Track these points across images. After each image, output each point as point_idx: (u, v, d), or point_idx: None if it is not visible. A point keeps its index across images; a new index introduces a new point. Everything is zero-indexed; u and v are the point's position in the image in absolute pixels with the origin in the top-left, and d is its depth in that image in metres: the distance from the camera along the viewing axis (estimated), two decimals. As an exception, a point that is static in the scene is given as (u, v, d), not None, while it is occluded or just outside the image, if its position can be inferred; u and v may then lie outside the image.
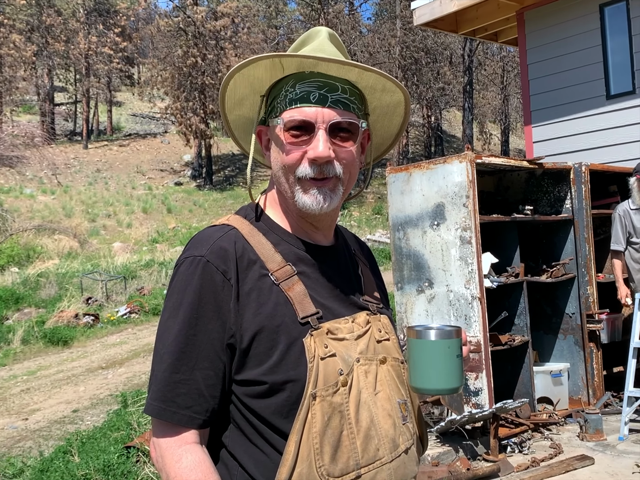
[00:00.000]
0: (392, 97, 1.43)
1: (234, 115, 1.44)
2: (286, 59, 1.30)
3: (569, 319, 5.99)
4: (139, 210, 29.97)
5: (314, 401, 1.22)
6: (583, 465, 4.60)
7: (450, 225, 5.18)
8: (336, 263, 1.42)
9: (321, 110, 1.28)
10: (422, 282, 5.40)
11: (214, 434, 1.29)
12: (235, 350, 1.25)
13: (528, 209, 5.81)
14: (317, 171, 1.29)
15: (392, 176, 5.61)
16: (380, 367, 1.35)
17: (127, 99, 52.63)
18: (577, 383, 5.94)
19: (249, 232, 1.34)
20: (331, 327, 1.30)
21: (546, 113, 8.37)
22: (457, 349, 1.26)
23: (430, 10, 8.83)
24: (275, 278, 1.29)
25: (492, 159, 5.46)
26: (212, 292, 1.25)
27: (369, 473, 1.26)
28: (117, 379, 8.69)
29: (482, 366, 5.04)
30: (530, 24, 8.50)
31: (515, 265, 5.62)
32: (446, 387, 1.26)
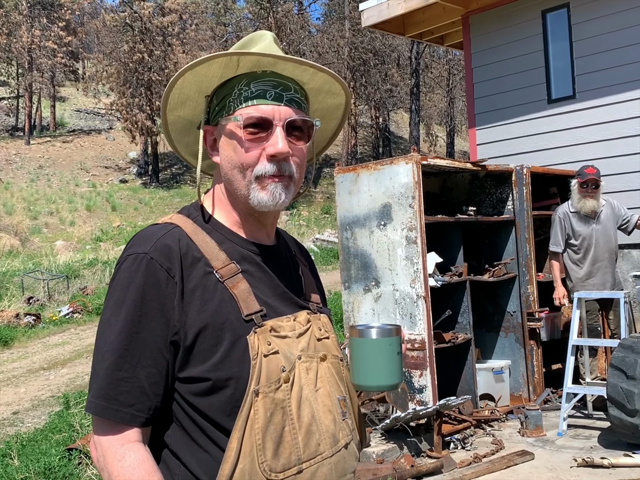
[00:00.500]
0: (334, 100, 1.46)
1: (173, 115, 1.43)
2: (243, 57, 1.30)
3: (510, 317, 6.14)
4: (82, 208, 29.35)
5: (256, 398, 1.24)
6: (523, 461, 4.73)
7: (396, 225, 5.25)
8: (278, 262, 1.44)
9: (277, 108, 1.30)
10: (369, 281, 5.46)
11: (155, 433, 1.29)
12: (179, 348, 1.25)
13: (471, 209, 5.93)
14: (275, 168, 1.30)
15: (340, 176, 5.65)
16: (320, 364, 1.37)
17: (72, 94, 51.44)
18: (518, 380, 6.10)
19: (192, 230, 1.34)
20: (274, 325, 1.32)
21: (490, 116, 8.55)
22: (397, 346, 1.31)
23: (378, 12, 8.92)
24: (220, 276, 1.30)
25: (437, 160, 5.55)
26: (156, 290, 1.24)
27: (310, 468, 1.28)
28: (59, 380, 8.51)
29: (426, 364, 5.12)
30: (475, 28, 8.67)
31: (459, 265, 5.73)
32: (387, 384, 1.31)
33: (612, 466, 4.42)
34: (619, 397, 4.63)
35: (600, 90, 7.50)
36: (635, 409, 4.54)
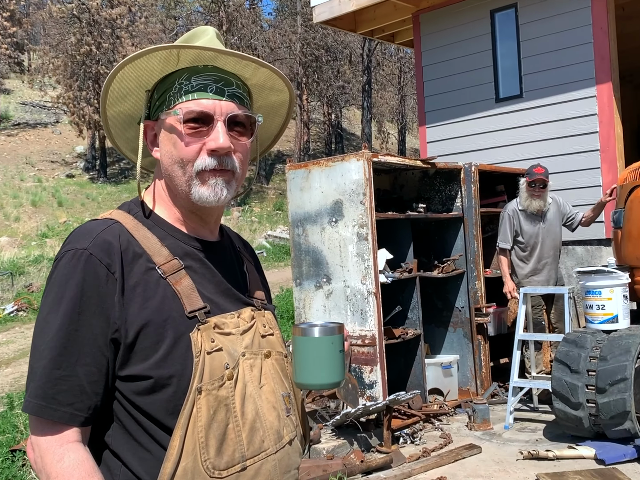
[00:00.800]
0: (278, 97, 1.46)
1: (113, 110, 1.40)
2: (184, 51, 1.29)
3: (459, 312, 6.23)
4: (27, 203, 28.60)
5: (199, 395, 1.23)
6: (471, 454, 4.81)
7: (347, 222, 5.26)
8: (222, 259, 1.42)
9: (219, 103, 1.29)
10: (320, 278, 5.47)
11: (95, 433, 1.26)
12: (119, 346, 1.23)
13: (421, 207, 6.00)
14: (216, 162, 1.29)
15: (291, 173, 5.64)
16: (265, 361, 1.38)
17: (16, 86, 50.06)
18: (466, 374, 6.19)
19: (133, 226, 1.31)
20: (218, 321, 1.31)
21: (439, 114, 8.65)
22: (340, 344, 1.32)
23: (329, 8, 8.93)
24: (162, 272, 1.28)
25: (388, 157, 5.59)
26: (96, 286, 1.22)
27: (254, 464, 1.28)
28: (3, 380, 8.29)
29: (376, 359, 5.16)
30: (426, 26, 8.75)
31: (409, 261, 5.78)
32: (329, 382, 1.31)
33: (557, 458, 4.53)
34: (564, 390, 4.75)
35: (546, 89, 7.67)
36: (579, 402, 4.65)
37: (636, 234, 5.15)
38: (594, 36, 7.29)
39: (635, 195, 5.13)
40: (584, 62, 7.37)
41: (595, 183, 7.24)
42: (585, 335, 4.92)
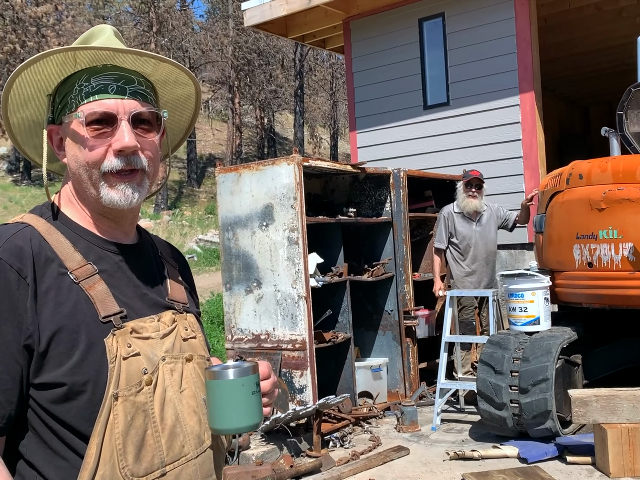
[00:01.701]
0: (183, 90, 1.45)
1: (17, 117, 1.36)
2: (80, 52, 1.26)
3: (388, 315, 6.31)
4: (-55, 206, 27.42)
5: (115, 402, 1.20)
6: (399, 456, 4.87)
7: (278, 226, 5.26)
8: (140, 262, 1.40)
9: (121, 102, 1.27)
10: (250, 282, 5.44)
11: (9, 443, 1.22)
12: (32, 352, 1.19)
13: (352, 211, 6.05)
14: (124, 162, 1.26)
15: (221, 176, 5.60)
16: (186, 365, 1.36)
17: None
18: (395, 377, 6.28)
19: (45, 230, 1.28)
20: (136, 326, 1.28)
21: (370, 120, 8.75)
22: (253, 385, 1.28)
23: (260, 12, 8.91)
24: (75, 277, 1.25)
25: (318, 162, 5.62)
26: (7, 291, 1.18)
27: (174, 470, 1.27)
28: None
29: (306, 364, 5.17)
30: (356, 33, 8.85)
31: (339, 265, 5.82)
32: (244, 425, 1.27)
33: (482, 458, 4.64)
34: (488, 391, 4.87)
35: (472, 97, 7.87)
36: (502, 402, 4.78)
37: (556, 239, 5.33)
38: (517, 46, 7.53)
39: (555, 200, 5.31)
40: (508, 72, 7.60)
41: (519, 189, 7.48)
42: (508, 337, 5.06)
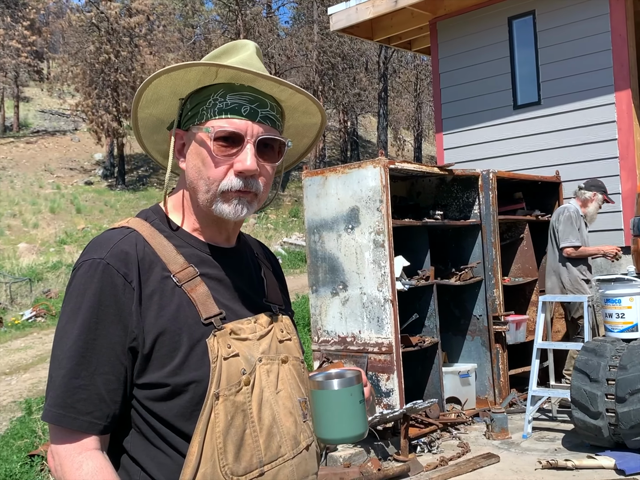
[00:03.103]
0: (309, 119, 1.46)
1: (145, 112, 1.40)
2: (222, 70, 1.28)
3: (477, 320, 6.19)
4: (46, 210, 28.86)
5: (217, 401, 1.23)
6: (489, 463, 4.76)
7: (364, 228, 5.25)
8: (239, 265, 1.42)
9: (251, 124, 1.29)
10: (336, 284, 5.45)
11: (114, 439, 1.27)
12: (137, 354, 1.23)
13: (438, 214, 5.97)
14: (242, 184, 1.29)
15: (308, 180, 5.64)
16: (282, 366, 1.37)
17: (36, 94, 50.62)
18: (484, 383, 6.15)
19: (149, 234, 1.32)
20: (234, 327, 1.31)
21: (456, 121, 8.62)
22: (359, 394, 1.28)
23: (346, 16, 8.94)
24: (178, 280, 1.28)
25: (404, 164, 5.58)
26: (113, 295, 1.22)
27: (271, 470, 1.28)
28: (21, 385, 8.35)
29: (393, 367, 5.13)
30: (443, 33, 8.74)
31: (425, 269, 5.76)
32: (352, 435, 1.27)
33: (576, 468, 4.48)
34: (583, 399, 4.69)
35: (565, 96, 7.62)
36: (598, 411, 4.60)
37: (657, 242, 5.09)
38: (612, 43, 7.24)
39: (655, 202, 5.08)
40: (603, 69, 7.32)
41: (615, 190, 7.17)
42: (604, 344, 4.86)
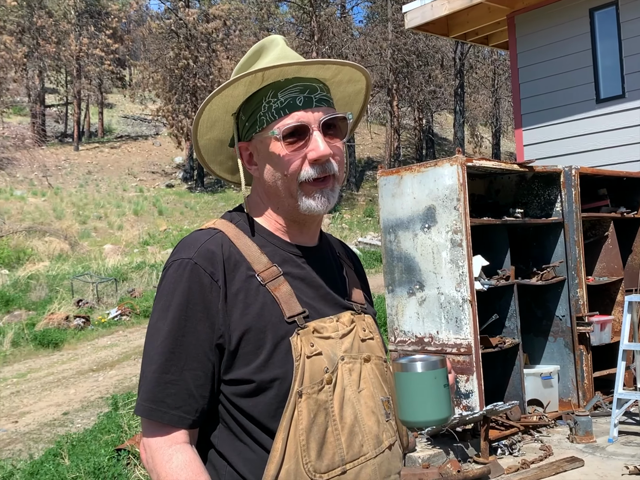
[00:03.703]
0: (354, 87, 1.49)
1: (204, 140, 1.45)
2: (268, 72, 1.32)
3: (559, 321, 6.02)
4: (130, 212, 29.87)
5: (300, 399, 1.25)
6: (573, 467, 4.63)
7: (441, 228, 5.20)
8: (321, 264, 1.44)
9: (310, 112, 1.32)
10: (413, 284, 5.42)
11: (202, 434, 1.31)
12: (224, 351, 1.27)
13: (519, 212, 5.84)
14: (320, 170, 1.32)
15: (383, 179, 5.63)
16: (364, 365, 1.38)
17: (119, 100, 52.46)
18: (567, 385, 5.97)
19: (235, 235, 1.36)
20: (317, 326, 1.32)
21: (537, 116, 8.41)
22: (444, 378, 1.28)
23: (421, 13, 8.87)
24: (262, 279, 1.31)
25: (483, 162, 5.48)
26: (201, 294, 1.26)
27: (353, 469, 1.29)
28: (108, 382, 8.66)
29: (472, 368, 5.06)
30: (521, 27, 8.54)
31: (505, 268, 5.64)
32: (436, 418, 1.27)
33: (667, 475, 4.30)
34: (674, 404, 4.50)
35: (652, 88, 7.32)
36: (690, 416, 4.40)
37: None
38: (703, 30, 6.91)
39: None
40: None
41: None
42: (697, 346, 4.64)
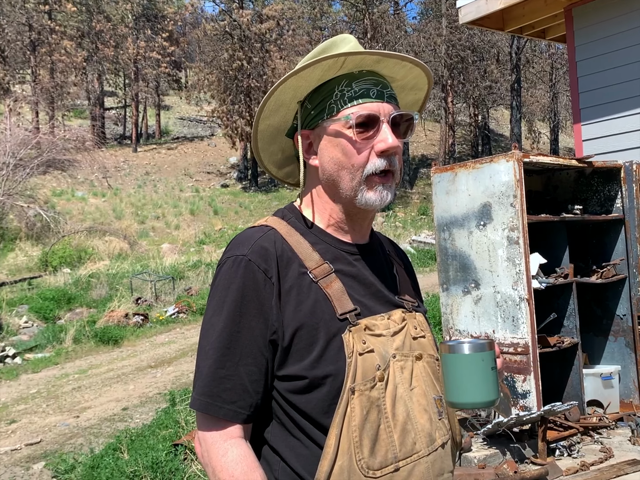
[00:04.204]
0: (415, 96, 1.50)
1: (264, 124, 1.46)
2: (350, 58, 1.33)
3: (620, 320, 5.86)
4: (186, 212, 30.40)
5: (352, 395, 1.25)
6: (635, 470, 4.50)
7: (497, 225, 5.12)
8: (372, 261, 1.44)
9: (382, 105, 1.33)
10: (468, 283, 5.35)
11: (256, 429, 1.33)
12: (277, 347, 1.28)
13: (577, 208, 5.71)
14: (386, 162, 1.33)
15: (437, 176, 5.58)
16: (416, 363, 1.37)
17: (175, 102, 53.43)
18: (628, 386, 5.81)
19: (287, 232, 1.37)
20: (369, 323, 1.32)
21: (596, 111, 8.19)
22: (491, 361, 1.27)
23: (476, 8, 8.74)
24: (314, 276, 1.32)
25: (540, 157, 5.37)
26: (255, 290, 1.28)
27: (406, 466, 1.28)
28: (166, 378, 8.83)
29: (530, 368, 4.97)
30: (579, 20, 8.33)
31: (564, 266, 5.52)
32: (482, 400, 1.26)
33: None
34: None
35: None
36: None
37: None
38: None
39: None
40: None
41: None
42: None
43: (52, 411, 7.57)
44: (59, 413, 7.48)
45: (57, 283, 16.58)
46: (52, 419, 7.25)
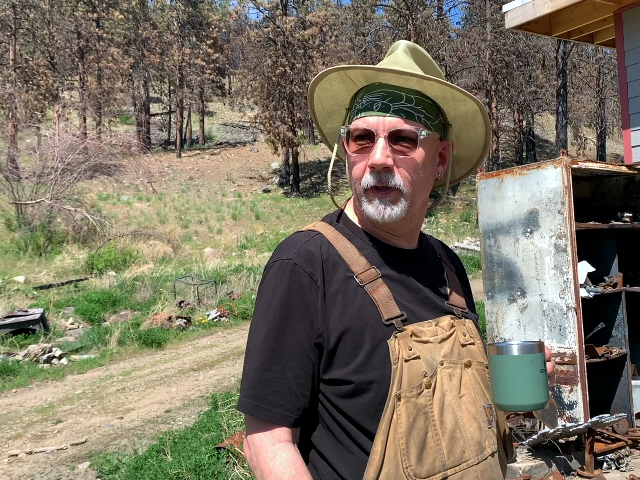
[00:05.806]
0: (465, 106, 1.40)
1: (327, 128, 1.51)
2: (350, 71, 1.35)
3: (672, 331, 5.70)
4: (228, 216, 30.68)
5: (398, 402, 1.23)
6: (687, 486, 4.37)
7: (544, 232, 5.03)
8: (420, 267, 1.43)
9: (382, 119, 1.30)
10: (514, 291, 5.27)
11: (303, 434, 1.32)
12: (322, 350, 1.27)
13: (627, 216, 5.58)
14: (375, 179, 1.30)
15: (482, 182, 5.51)
16: (465, 370, 1.35)
17: (219, 108, 54.06)
18: (680, 399, 5.64)
19: (334, 237, 1.37)
20: (415, 329, 1.31)
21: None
22: (541, 363, 1.24)
23: (522, 12, 8.63)
24: (360, 280, 1.31)
25: (588, 164, 5.27)
26: (300, 294, 1.28)
27: (455, 475, 1.26)
28: (208, 381, 8.89)
29: (577, 379, 4.86)
30: (629, 24, 8.16)
31: (613, 275, 5.40)
32: (531, 403, 1.23)
33: None
34: None
35: None
36: None
37: None
38: None
39: None
40: None
41: None
42: None
43: (96, 412, 7.69)
44: (104, 414, 7.60)
45: (102, 285, 16.89)
46: (96, 419, 7.37)
